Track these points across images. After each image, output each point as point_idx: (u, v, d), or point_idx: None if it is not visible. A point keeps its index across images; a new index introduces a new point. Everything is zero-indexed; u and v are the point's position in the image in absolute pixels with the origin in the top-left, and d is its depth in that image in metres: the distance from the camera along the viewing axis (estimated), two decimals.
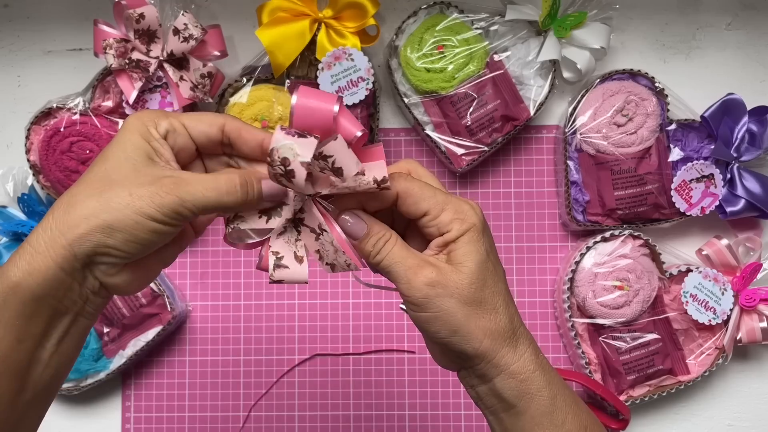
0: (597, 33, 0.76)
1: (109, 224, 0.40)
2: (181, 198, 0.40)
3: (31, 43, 0.81)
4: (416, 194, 0.44)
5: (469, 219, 0.44)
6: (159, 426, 0.80)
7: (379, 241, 0.44)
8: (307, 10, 0.74)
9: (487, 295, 0.44)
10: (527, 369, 0.44)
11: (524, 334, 0.45)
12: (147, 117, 0.43)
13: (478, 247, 0.44)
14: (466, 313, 0.43)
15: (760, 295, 0.75)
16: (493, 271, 0.45)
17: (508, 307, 0.45)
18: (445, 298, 0.43)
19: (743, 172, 0.76)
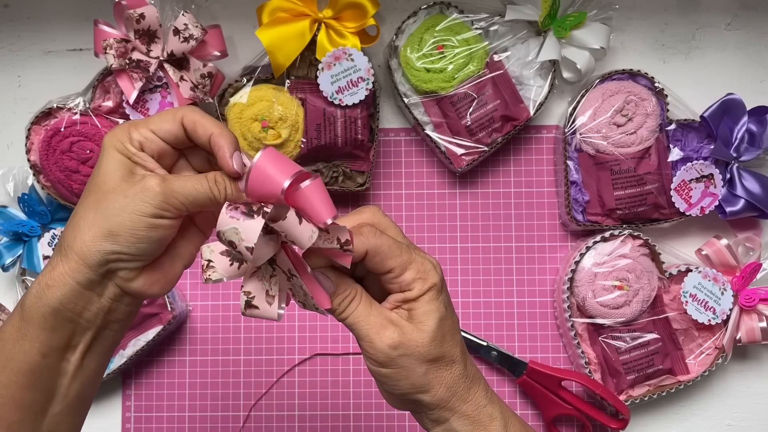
0: (597, 33, 0.76)
1: (110, 230, 0.42)
2: (170, 189, 0.42)
3: (32, 43, 0.81)
4: (384, 252, 0.45)
5: (431, 279, 0.46)
6: (159, 426, 0.80)
7: (345, 300, 0.46)
8: (307, 10, 0.74)
9: (446, 349, 0.46)
10: (479, 404, 0.47)
11: (476, 375, 0.48)
12: (120, 133, 0.44)
13: (438, 305, 0.46)
14: (426, 369, 0.46)
15: (760, 295, 0.75)
16: (450, 326, 0.47)
17: (464, 354, 0.48)
18: (406, 357, 0.45)
19: (743, 172, 0.76)
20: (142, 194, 0.42)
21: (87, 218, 0.42)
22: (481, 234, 0.81)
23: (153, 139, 0.44)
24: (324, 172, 0.77)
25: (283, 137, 0.74)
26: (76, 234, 0.42)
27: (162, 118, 0.45)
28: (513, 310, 0.80)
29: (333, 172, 0.77)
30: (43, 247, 0.76)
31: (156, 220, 0.42)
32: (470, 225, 0.81)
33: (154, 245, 0.43)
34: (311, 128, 0.75)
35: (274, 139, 0.74)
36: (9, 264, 0.76)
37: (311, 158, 0.77)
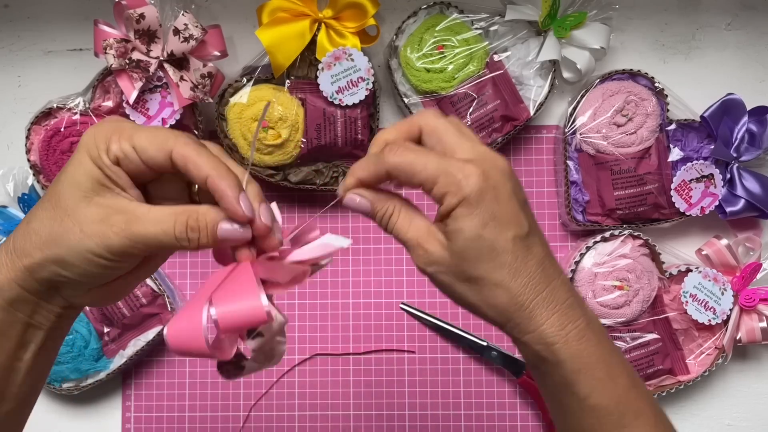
0: (597, 33, 0.76)
1: (61, 257, 0.39)
2: (131, 239, 0.39)
3: (32, 43, 0.81)
4: (406, 170, 0.42)
5: (460, 192, 0.41)
6: (159, 426, 0.80)
7: (384, 216, 0.44)
8: (307, 10, 0.74)
9: (484, 272, 0.42)
10: (546, 342, 0.42)
11: (544, 305, 0.42)
12: (99, 139, 0.39)
13: (469, 223, 0.41)
14: (466, 288, 0.43)
15: (760, 295, 0.75)
16: (491, 246, 0.41)
17: (516, 279, 0.42)
18: (443, 275, 0.43)
19: (743, 172, 0.76)
20: (98, 239, 0.39)
21: (40, 233, 0.40)
22: None
23: (132, 158, 0.39)
24: (324, 172, 0.77)
25: (283, 137, 0.74)
26: (26, 245, 0.40)
27: (150, 142, 0.39)
28: None
29: (333, 172, 0.77)
30: None
31: (112, 263, 0.40)
32: None
33: (106, 279, 0.41)
34: (311, 128, 0.75)
35: (274, 139, 0.74)
36: None
37: (311, 158, 0.77)
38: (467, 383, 0.80)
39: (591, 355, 0.42)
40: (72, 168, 0.40)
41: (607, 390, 0.43)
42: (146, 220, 0.39)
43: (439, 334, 0.80)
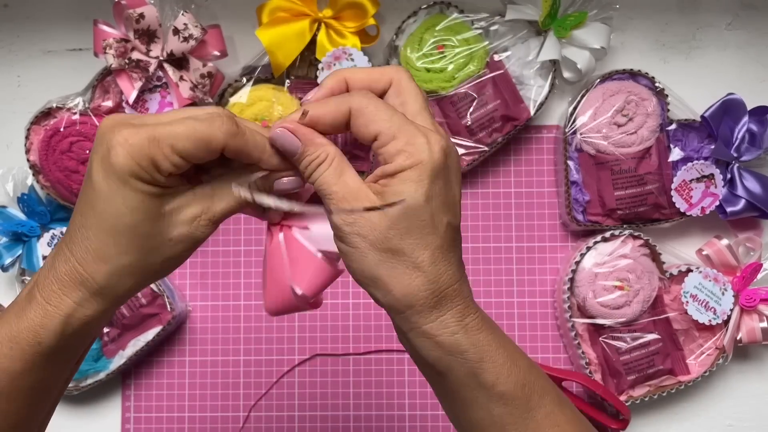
0: (597, 33, 0.76)
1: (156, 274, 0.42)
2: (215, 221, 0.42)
3: (31, 43, 0.81)
4: (369, 114, 0.39)
5: (418, 154, 0.38)
6: (159, 426, 0.80)
7: (313, 162, 0.40)
8: (307, 10, 0.74)
9: (408, 246, 0.38)
10: (445, 332, 0.39)
11: (451, 296, 0.40)
12: (140, 156, 0.37)
13: (416, 188, 0.38)
14: (379, 259, 0.38)
15: (761, 295, 0.75)
16: (426, 222, 0.38)
17: (436, 265, 0.39)
18: (359, 238, 0.38)
19: (743, 172, 0.76)
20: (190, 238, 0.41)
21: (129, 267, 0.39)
22: (482, 234, 0.81)
23: (182, 165, 0.38)
24: None
25: None
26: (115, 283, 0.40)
27: (195, 145, 0.38)
28: (513, 311, 0.80)
29: None
30: (42, 248, 0.76)
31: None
32: (470, 225, 0.81)
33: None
34: None
35: None
36: (8, 264, 0.76)
37: None
38: None
39: (491, 343, 0.40)
40: (133, 201, 0.38)
41: (512, 374, 0.41)
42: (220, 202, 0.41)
43: None
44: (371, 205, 0.38)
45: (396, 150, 0.38)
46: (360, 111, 0.39)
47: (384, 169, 0.39)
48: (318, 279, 0.42)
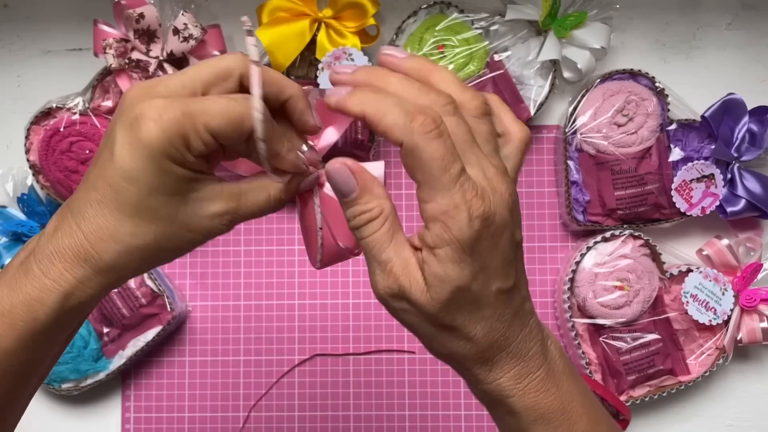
0: (597, 33, 0.76)
1: (167, 257, 0.40)
2: (236, 222, 0.40)
3: (31, 43, 0.81)
4: (422, 160, 0.34)
5: (455, 230, 0.34)
6: (159, 426, 0.79)
7: (364, 216, 0.36)
8: (307, 9, 0.74)
9: (460, 323, 0.36)
10: (502, 392, 0.38)
11: (505, 359, 0.38)
12: (173, 134, 0.35)
13: (458, 272, 0.35)
14: (432, 332, 0.37)
15: (761, 296, 0.75)
16: (475, 298, 0.36)
17: (488, 335, 0.37)
18: (408, 315, 0.37)
19: (744, 172, 0.76)
20: (209, 231, 0.39)
21: (141, 248, 0.38)
22: None
23: (213, 145, 0.37)
24: None
25: None
26: (123, 262, 0.38)
27: (227, 123, 0.36)
28: None
29: None
30: None
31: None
32: None
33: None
34: None
35: None
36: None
37: None
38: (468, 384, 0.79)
39: (549, 405, 0.39)
40: (161, 180, 0.36)
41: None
42: (246, 205, 0.39)
43: None
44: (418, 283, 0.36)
45: (432, 216, 0.34)
46: (411, 150, 0.34)
47: (423, 238, 0.35)
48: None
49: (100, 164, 0.37)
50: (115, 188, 0.36)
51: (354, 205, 0.36)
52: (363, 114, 0.35)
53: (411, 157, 0.34)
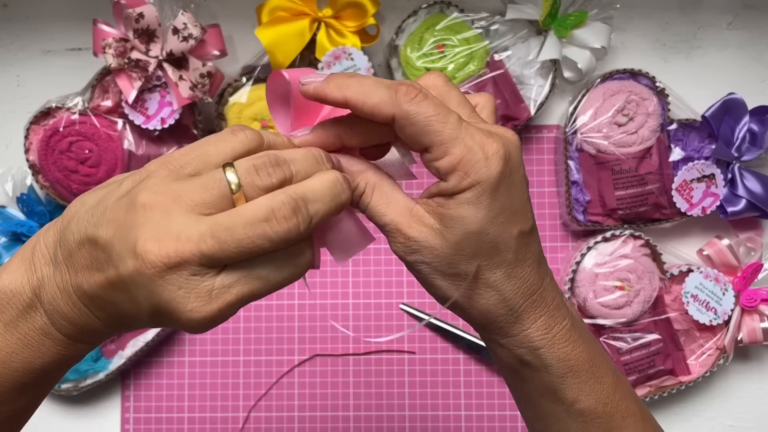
0: (598, 32, 0.75)
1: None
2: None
3: (30, 43, 0.81)
4: (419, 123, 0.34)
5: (475, 173, 0.34)
6: (159, 426, 0.79)
7: (355, 194, 0.37)
8: (307, 9, 0.73)
9: (480, 268, 0.36)
10: (530, 346, 0.38)
11: (532, 308, 0.38)
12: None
13: (476, 213, 0.35)
14: (449, 284, 0.37)
15: (761, 296, 0.75)
16: (494, 242, 0.36)
17: (511, 280, 0.37)
18: (423, 265, 0.37)
19: (744, 172, 0.76)
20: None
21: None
22: None
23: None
24: None
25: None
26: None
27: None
28: None
29: None
30: None
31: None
32: None
33: None
34: None
35: None
36: None
37: None
38: (467, 383, 0.79)
39: (577, 357, 0.39)
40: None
41: (594, 392, 0.39)
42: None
43: (439, 334, 0.80)
44: (430, 229, 0.36)
45: (450, 166, 0.35)
46: (408, 119, 0.35)
47: (440, 187, 0.36)
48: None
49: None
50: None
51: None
52: (344, 98, 0.35)
53: (408, 125, 0.35)
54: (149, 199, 0.32)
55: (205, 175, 0.33)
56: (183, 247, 0.31)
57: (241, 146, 0.34)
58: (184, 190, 0.32)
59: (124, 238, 0.32)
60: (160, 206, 0.32)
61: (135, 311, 0.33)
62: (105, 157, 0.74)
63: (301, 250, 0.34)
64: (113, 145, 0.74)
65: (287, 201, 0.32)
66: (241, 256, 0.32)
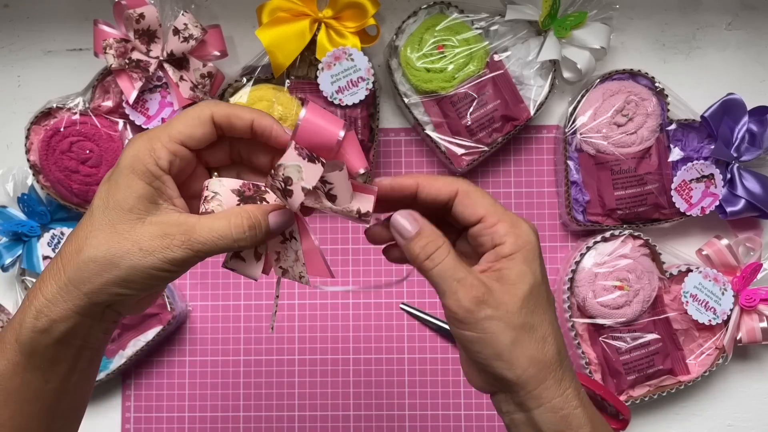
0: (597, 33, 0.76)
1: (123, 278, 0.40)
2: (192, 249, 0.40)
3: (31, 43, 0.81)
4: (475, 198, 0.42)
5: (526, 236, 0.42)
6: (159, 426, 0.80)
7: (430, 245, 0.42)
8: (307, 10, 0.74)
9: (537, 322, 0.41)
10: (570, 405, 0.41)
11: (569, 369, 0.42)
12: (143, 152, 0.40)
13: (534, 268, 0.41)
14: (513, 337, 0.40)
15: (760, 295, 0.75)
16: (545, 298, 0.42)
17: (557, 338, 0.42)
18: (493, 321, 0.40)
19: (743, 172, 0.76)
20: (161, 254, 0.39)
21: (97, 260, 0.39)
22: None
23: (183, 155, 0.41)
24: None
25: None
26: (83, 274, 0.40)
27: (189, 125, 0.41)
28: None
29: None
30: (42, 247, 0.76)
31: (174, 274, 0.41)
32: None
33: (164, 286, 0.43)
34: None
35: None
36: (9, 264, 0.76)
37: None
38: (467, 383, 0.79)
39: (596, 416, 0.43)
40: (121, 194, 0.40)
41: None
42: (203, 229, 0.40)
43: (439, 334, 0.80)
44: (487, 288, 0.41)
45: (505, 232, 0.42)
46: (467, 194, 0.43)
47: (498, 251, 0.42)
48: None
49: None
50: (90, 209, 0.41)
51: (419, 238, 0.42)
52: (416, 183, 0.43)
53: (469, 198, 0.43)
54: None
55: None
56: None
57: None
58: None
59: None
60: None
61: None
62: (106, 157, 0.74)
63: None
64: (114, 146, 0.75)
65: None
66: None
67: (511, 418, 0.43)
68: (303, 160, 0.39)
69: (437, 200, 0.43)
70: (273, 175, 0.40)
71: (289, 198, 0.40)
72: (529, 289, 0.41)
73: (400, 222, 0.43)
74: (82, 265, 0.40)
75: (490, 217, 0.42)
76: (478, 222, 0.43)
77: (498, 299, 0.41)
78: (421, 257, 0.42)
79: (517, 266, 0.41)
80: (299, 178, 0.39)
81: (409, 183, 0.43)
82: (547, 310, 0.42)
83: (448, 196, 0.43)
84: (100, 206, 0.40)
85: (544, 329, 0.41)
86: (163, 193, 0.41)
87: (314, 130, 0.40)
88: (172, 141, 0.41)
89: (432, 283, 0.42)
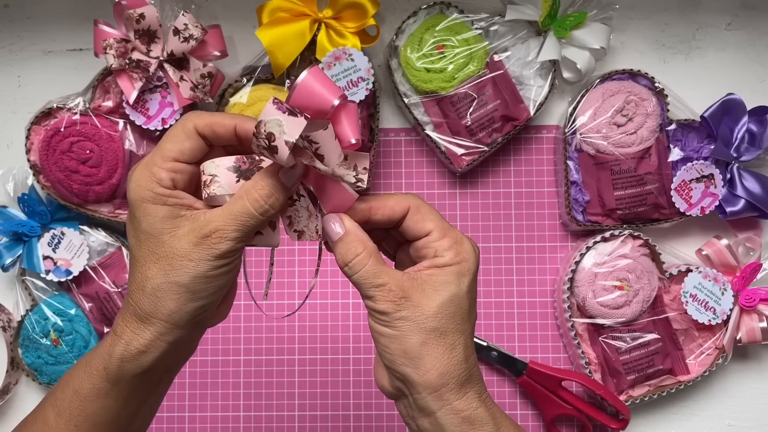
0: (597, 33, 0.76)
1: (191, 292, 0.42)
2: (230, 239, 0.41)
3: (32, 44, 0.81)
4: (425, 213, 0.45)
5: (466, 254, 0.44)
6: (159, 426, 0.80)
7: (351, 250, 0.44)
8: (307, 10, 0.74)
9: (450, 329, 0.43)
10: (470, 407, 0.44)
11: (475, 374, 0.45)
12: (145, 181, 0.42)
13: (461, 282, 0.44)
14: (422, 340, 0.43)
15: (760, 295, 0.75)
16: (466, 312, 0.44)
17: (467, 348, 0.44)
18: (407, 321, 0.43)
19: (743, 172, 0.76)
20: (208, 254, 0.41)
21: (162, 287, 0.42)
22: (482, 234, 0.81)
23: (181, 169, 0.43)
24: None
25: None
26: (156, 303, 0.42)
27: (176, 141, 0.43)
28: (513, 310, 0.80)
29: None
30: (42, 247, 0.76)
31: (227, 265, 0.42)
32: (470, 225, 0.81)
33: (231, 281, 0.44)
34: None
35: None
36: (9, 264, 0.76)
37: None
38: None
39: (500, 414, 0.46)
40: (145, 224, 0.42)
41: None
42: (227, 218, 0.42)
43: None
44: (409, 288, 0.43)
45: (447, 246, 0.44)
46: (418, 208, 0.45)
47: (435, 261, 0.44)
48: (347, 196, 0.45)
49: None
50: (129, 252, 0.45)
51: (343, 243, 0.44)
52: (369, 206, 0.45)
53: (419, 213, 0.45)
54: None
55: None
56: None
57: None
58: None
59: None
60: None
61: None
62: (106, 157, 0.74)
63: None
64: (114, 146, 0.75)
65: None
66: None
67: (417, 424, 0.45)
68: (283, 114, 0.39)
69: (392, 219, 0.45)
70: (256, 134, 0.39)
71: (276, 154, 0.39)
72: (450, 297, 0.43)
73: (329, 225, 0.44)
74: (152, 297, 0.42)
75: (437, 232, 0.45)
76: (425, 235, 0.45)
77: (416, 303, 0.43)
78: (341, 262, 0.44)
79: (446, 276, 0.44)
80: (281, 132, 0.39)
81: (362, 207, 0.45)
82: (464, 322, 0.44)
83: (402, 214, 0.45)
84: (134, 243, 0.43)
85: (455, 337, 0.43)
86: (181, 206, 0.42)
87: (309, 95, 0.40)
88: (166, 161, 0.42)
89: (356, 286, 0.45)
